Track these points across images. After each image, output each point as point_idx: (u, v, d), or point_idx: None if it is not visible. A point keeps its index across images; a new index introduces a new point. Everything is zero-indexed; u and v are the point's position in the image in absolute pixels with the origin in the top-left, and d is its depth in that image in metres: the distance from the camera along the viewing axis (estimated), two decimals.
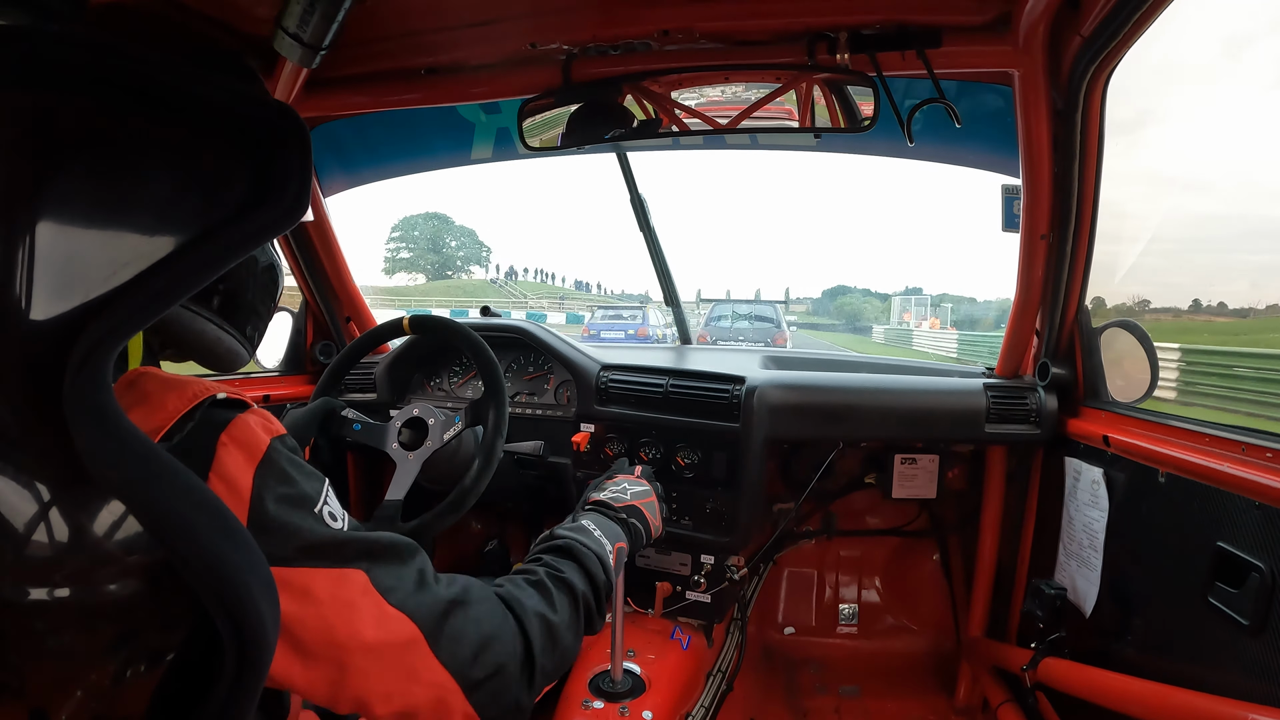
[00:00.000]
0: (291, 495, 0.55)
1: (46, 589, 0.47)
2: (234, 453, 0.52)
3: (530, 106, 1.28)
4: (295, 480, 0.55)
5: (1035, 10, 1.01)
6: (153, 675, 0.50)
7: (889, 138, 1.24)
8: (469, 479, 1.15)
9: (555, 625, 0.69)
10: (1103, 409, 1.27)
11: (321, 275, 1.73)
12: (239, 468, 0.52)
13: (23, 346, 0.46)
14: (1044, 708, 1.34)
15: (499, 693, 0.62)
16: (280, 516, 0.53)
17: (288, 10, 0.98)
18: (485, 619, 0.63)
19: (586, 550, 0.81)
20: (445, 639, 0.59)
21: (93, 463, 0.44)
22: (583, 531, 0.86)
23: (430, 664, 0.58)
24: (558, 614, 0.70)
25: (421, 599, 0.59)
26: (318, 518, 0.56)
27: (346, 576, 0.56)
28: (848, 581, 1.89)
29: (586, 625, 0.76)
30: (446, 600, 0.61)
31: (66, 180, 0.48)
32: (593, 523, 0.89)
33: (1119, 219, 1.29)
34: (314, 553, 0.54)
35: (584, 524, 0.88)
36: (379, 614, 0.56)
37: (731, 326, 13.22)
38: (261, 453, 0.54)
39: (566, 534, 0.84)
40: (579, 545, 0.81)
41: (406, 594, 0.58)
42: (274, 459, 0.54)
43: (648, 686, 1.20)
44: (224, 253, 0.52)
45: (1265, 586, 0.82)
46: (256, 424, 0.55)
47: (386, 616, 0.57)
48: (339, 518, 0.58)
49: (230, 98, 0.53)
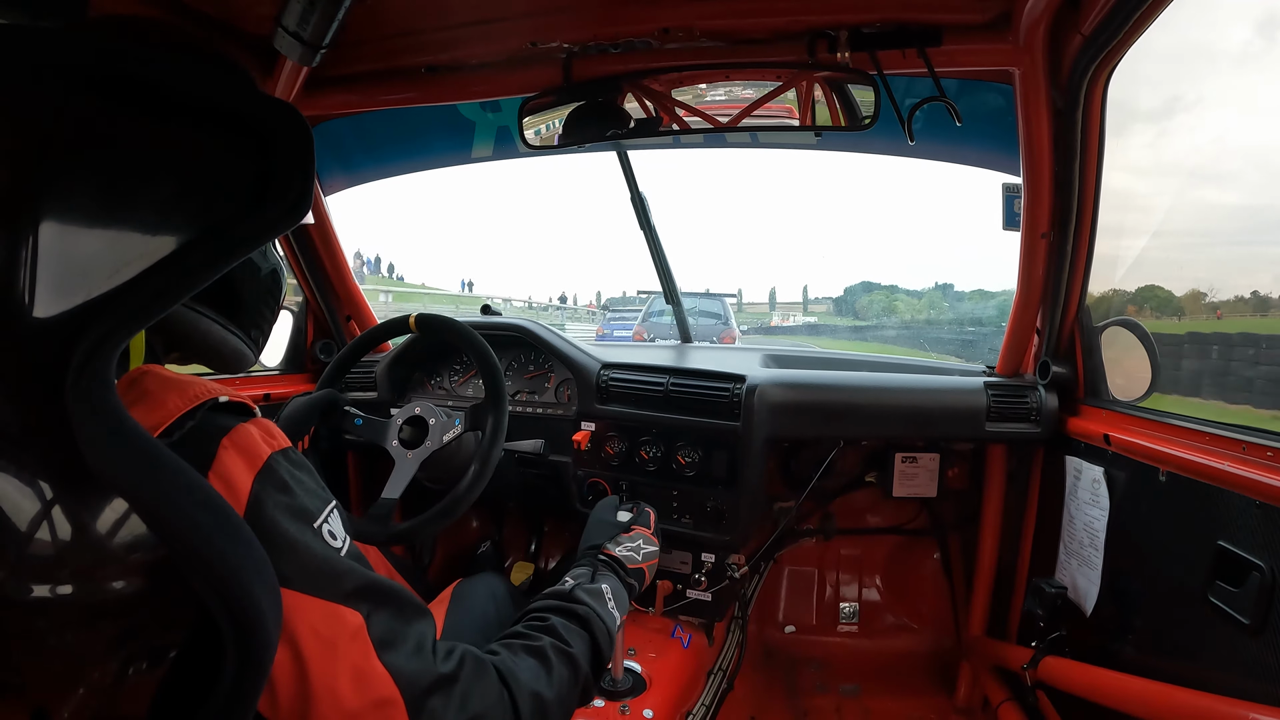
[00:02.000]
0: (291, 506, 0.53)
1: (48, 587, 0.47)
2: (235, 457, 0.52)
3: (530, 105, 1.28)
4: (296, 493, 0.54)
5: (1036, 9, 1.01)
6: (155, 674, 0.50)
7: (889, 136, 1.24)
8: (463, 486, 1.14)
9: (548, 704, 0.64)
10: (1103, 408, 1.27)
11: (322, 274, 1.73)
12: (239, 472, 0.52)
13: (26, 344, 0.46)
14: (1044, 706, 1.34)
15: None
16: (277, 525, 0.52)
17: (288, 9, 0.98)
18: (476, 698, 0.58)
19: (601, 625, 0.76)
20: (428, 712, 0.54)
21: (95, 460, 0.44)
22: (599, 599, 0.80)
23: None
24: (554, 690, 0.65)
25: (414, 665, 0.55)
26: (316, 533, 0.54)
27: (340, 614, 0.52)
28: (848, 580, 1.89)
29: (581, 698, 0.71)
30: (438, 675, 0.56)
31: (69, 179, 0.48)
32: (610, 591, 0.84)
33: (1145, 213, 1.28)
34: (311, 575, 0.52)
35: (603, 589, 0.83)
36: (364, 667, 0.52)
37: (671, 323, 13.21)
38: (262, 462, 0.53)
39: (586, 600, 0.78)
40: (595, 618, 0.76)
41: (399, 655, 0.54)
42: (274, 469, 0.54)
43: (648, 685, 1.20)
44: (227, 251, 0.52)
45: (1266, 586, 0.82)
46: (259, 435, 0.54)
47: (371, 673, 0.52)
48: (340, 539, 0.56)
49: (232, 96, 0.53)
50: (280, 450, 0.55)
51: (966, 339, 13.66)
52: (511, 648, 0.67)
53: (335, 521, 0.56)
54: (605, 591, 0.83)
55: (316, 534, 0.54)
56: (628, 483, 1.49)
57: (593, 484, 1.51)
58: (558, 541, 1.92)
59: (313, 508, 0.55)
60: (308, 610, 0.51)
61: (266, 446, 0.54)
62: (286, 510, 0.53)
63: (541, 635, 0.71)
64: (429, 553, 1.85)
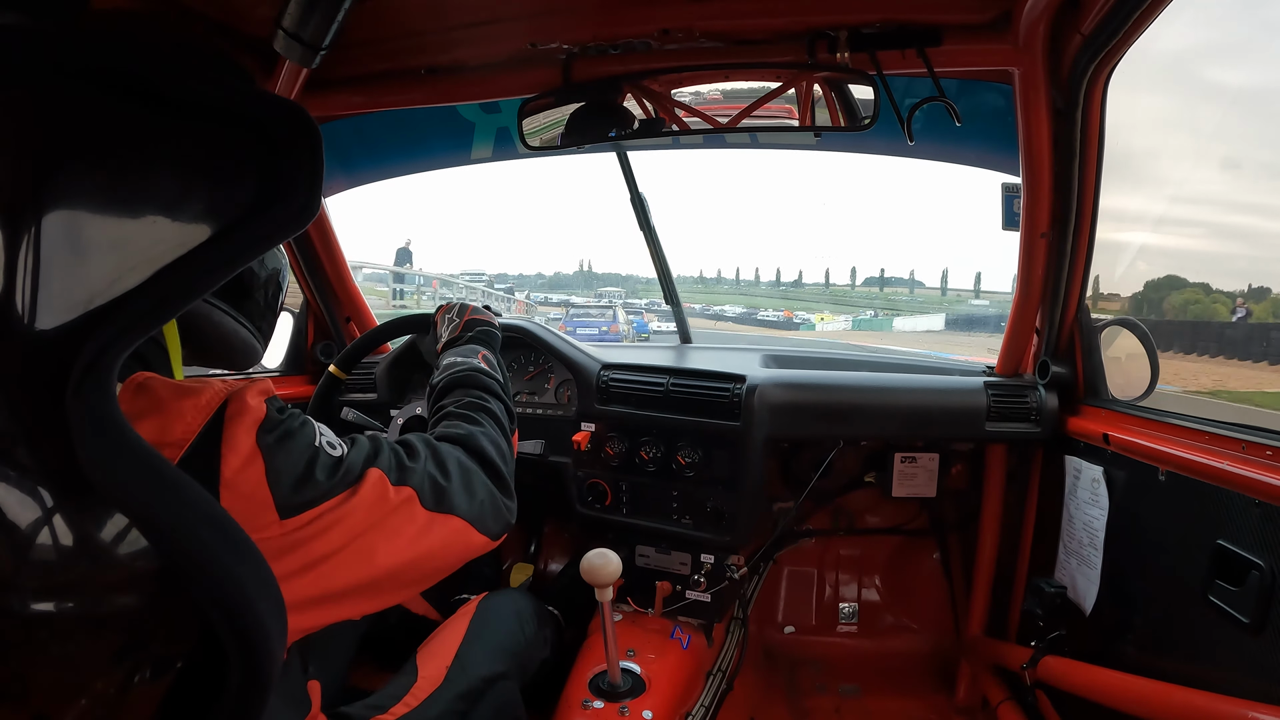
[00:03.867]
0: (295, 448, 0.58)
1: (50, 598, 0.47)
2: (238, 422, 0.55)
3: (530, 106, 1.27)
4: (293, 431, 0.59)
5: (1035, 9, 1.01)
6: (159, 684, 0.49)
7: (889, 136, 1.24)
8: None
9: (494, 436, 0.83)
10: (1103, 407, 1.27)
11: (322, 275, 1.73)
12: (244, 435, 0.55)
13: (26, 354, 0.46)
14: (1044, 706, 1.34)
15: (495, 510, 0.76)
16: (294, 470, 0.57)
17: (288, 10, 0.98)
18: (450, 461, 0.73)
19: (461, 373, 0.92)
20: (436, 490, 0.69)
21: (95, 474, 0.44)
22: (448, 367, 0.95)
23: (437, 515, 0.68)
24: (489, 426, 0.84)
25: (408, 470, 0.67)
26: (322, 455, 0.61)
27: (363, 481, 0.62)
28: (848, 580, 1.89)
29: (511, 420, 0.92)
30: (421, 464, 0.70)
31: (70, 183, 0.47)
32: (450, 356, 0.98)
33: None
34: (333, 484, 0.60)
35: (444, 362, 0.97)
36: (394, 496, 0.64)
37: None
38: (261, 415, 0.57)
39: (439, 377, 0.94)
40: (455, 374, 0.92)
41: (399, 471, 0.66)
42: (271, 418, 0.58)
43: (648, 686, 1.20)
44: (234, 255, 0.51)
45: (1265, 585, 0.83)
46: (251, 394, 0.58)
47: (399, 495, 0.65)
48: (337, 445, 0.63)
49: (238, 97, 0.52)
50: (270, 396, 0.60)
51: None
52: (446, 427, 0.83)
53: (327, 431, 0.64)
54: (447, 360, 0.97)
55: (319, 454, 0.60)
56: (628, 484, 1.49)
57: (593, 485, 1.51)
58: (557, 543, 1.92)
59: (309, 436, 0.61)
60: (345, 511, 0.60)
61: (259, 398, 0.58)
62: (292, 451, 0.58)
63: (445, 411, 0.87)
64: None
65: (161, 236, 0.49)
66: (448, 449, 0.75)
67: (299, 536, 0.56)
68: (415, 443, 0.72)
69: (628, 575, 1.46)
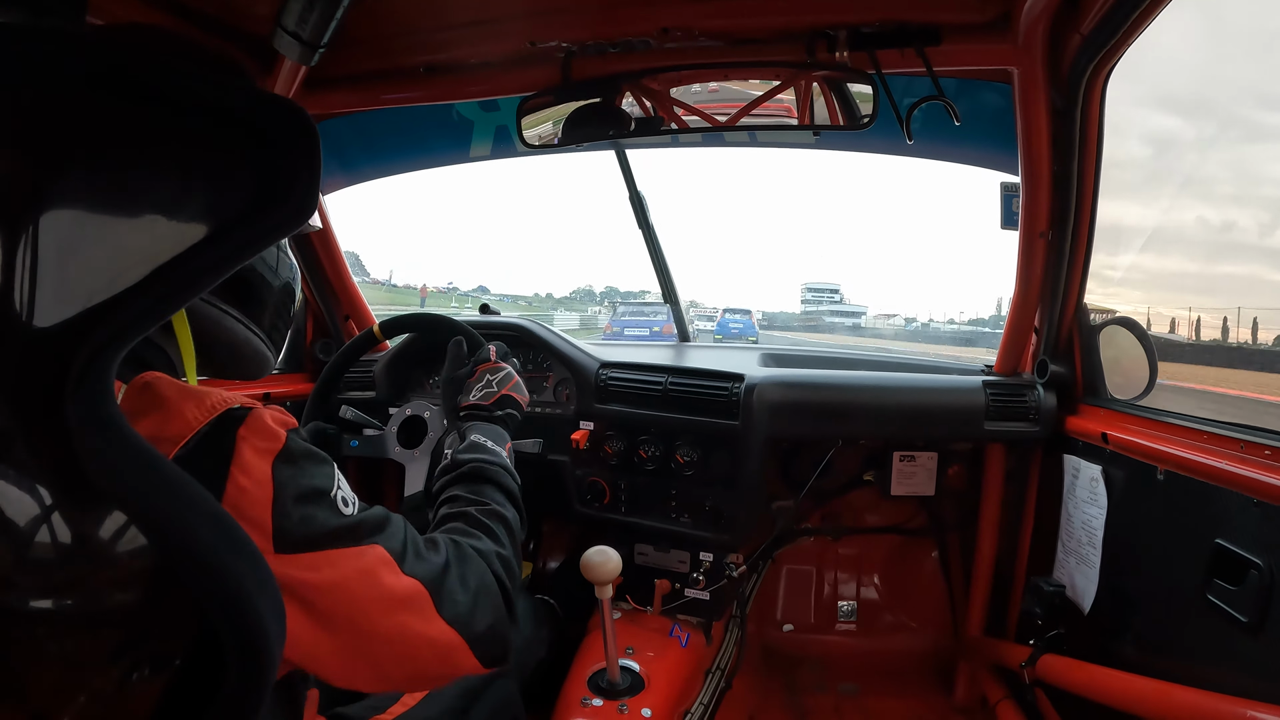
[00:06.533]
0: (309, 489, 0.57)
1: (48, 595, 0.47)
2: (253, 444, 0.54)
3: (529, 104, 1.27)
4: (311, 472, 0.58)
5: (1035, 9, 1.01)
6: (157, 682, 0.49)
7: (888, 135, 1.24)
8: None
9: (508, 559, 0.75)
10: (1101, 406, 1.27)
11: (321, 274, 1.73)
12: (259, 459, 0.54)
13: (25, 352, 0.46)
14: (1042, 705, 1.34)
15: (497, 637, 0.68)
16: (301, 509, 0.55)
17: (287, 8, 0.98)
18: (471, 575, 0.68)
19: (493, 467, 0.85)
20: (447, 598, 0.64)
21: (95, 471, 0.44)
22: (479, 449, 0.88)
23: (437, 623, 0.63)
24: (506, 546, 0.75)
25: (423, 566, 0.63)
26: (333, 506, 0.58)
27: (365, 551, 0.59)
28: (846, 579, 1.89)
29: (522, 527, 0.82)
30: (440, 565, 0.65)
31: (68, 182, 0.47)
32: (483, 435, 0.92)
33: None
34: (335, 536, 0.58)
35: (475, 440, 0.90)
36: (394, 581, 0.60)
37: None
38: (280, 444, 0.55)
39: (468, 457, 0.86)
40: (486, 466, 0.85)
41: (411, 563, 0.63)
42: (291, 450, 0.56)
43: (647, 684, 1.20)
44: (232, 254, 0.51)
45: (1264, 584, 0.83)
46: (272, 418, 0.56)
47: (400, 583, 0.61)
48: (350, 503, 0.61)
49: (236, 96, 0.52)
50: (293, 429, 0.58)
51: None
52: (456, 530, 0.75)
53: (345, 486, 0.61)
54: (480, 441, 0.90)
55: (334, 508, 0.58)
56: (626, 483, 1.49)
57: (591, 483, 1.51)
58: (556, 541, 1.92)
59: (326, 481, 0.59)
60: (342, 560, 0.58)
61: (281, 427, 0.56)
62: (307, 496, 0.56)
63: (466, 509, 0.78)
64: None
65: (160, 234, 0.49)
66: (473, 561, 0.70)
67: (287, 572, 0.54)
68: (441, 542, 0.68)
69: (626, 573, 1.46)
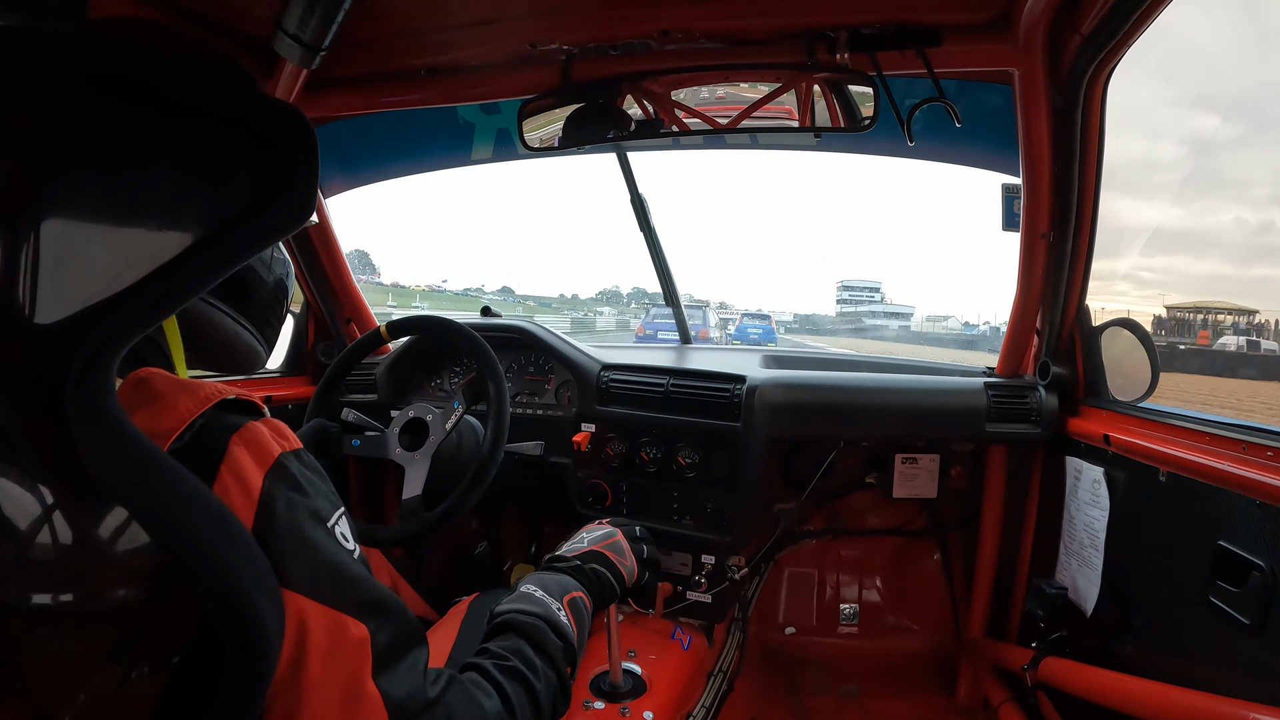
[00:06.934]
0: (304, 505, 0.53)
1: (49, 593, 0.47)
2: (245, 454, 0.51)
3: (530, 107, 1.28)
4: (308, 493, 0.54)
5: (1035, 9, 1.01)
6: (158, 680, 0.49)
7: (889, 137, 1.24)
8: (485, 447, 1.17)
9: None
10: (1103, 408, 1.27)
11: (322, 277, 1.73)
12: (250, 469, 0.51)
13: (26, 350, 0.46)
14: (1045, 707, 1.34)
15: None
16: (289, 523, 0.51)
17: (287, 11, 0.98)
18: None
19: (528, 619, 0.72)
20: None
21: (95, 467, 0.44)
22: (523, 599, 0.75)
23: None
24: (516, 712, 0.62)
25: (404, 688, 0.53)
26: (329, 533, 0.53)
27: (345, 624, 0.52)
28: (848, 581, 1.88)
29: (562, 698, 0.70)
30: (426, 699, 0.55)
31: (69, 182, 0.48)
32: (533, 585, 0.79)
33: None
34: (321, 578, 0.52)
35: (523, 590, 0.78)
36: (357, 683, 0.51)
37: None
38: (273, 460, 0.52)
39: (505, 608, 0.74)
40: (519, 617, 0.72)
41: (393, 677, 0.53)
42: (286, 467, 0.53)
43: (648, 687, 1.20)
44: (231, 255, 0.52)
45: (1266, 585, 0.82)
46: (269, 434, 0.54)
47: (363, 691, 0.51)
48: (351, 542, 0.55)
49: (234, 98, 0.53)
50: (292, 450, 0.55)
51: None
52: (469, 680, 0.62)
53: (346, 525, 0.56)
54: (526, 590, 0.78)
55: (330, 534, 0.53)
56: (628, 485, 1.49)
57: (593, 485, 1.51)
58: (558, 544, 1.91)
59: (325, 509, 0.54)
60: (314, 615, 0.50)
61: (277, 445, 0.54)
62: (299, 509, 0.52)
63: (483, 663, 0.66)
64: (428, 553, 1.85)
65: (159, 235, 0.50)
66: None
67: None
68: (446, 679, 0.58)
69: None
